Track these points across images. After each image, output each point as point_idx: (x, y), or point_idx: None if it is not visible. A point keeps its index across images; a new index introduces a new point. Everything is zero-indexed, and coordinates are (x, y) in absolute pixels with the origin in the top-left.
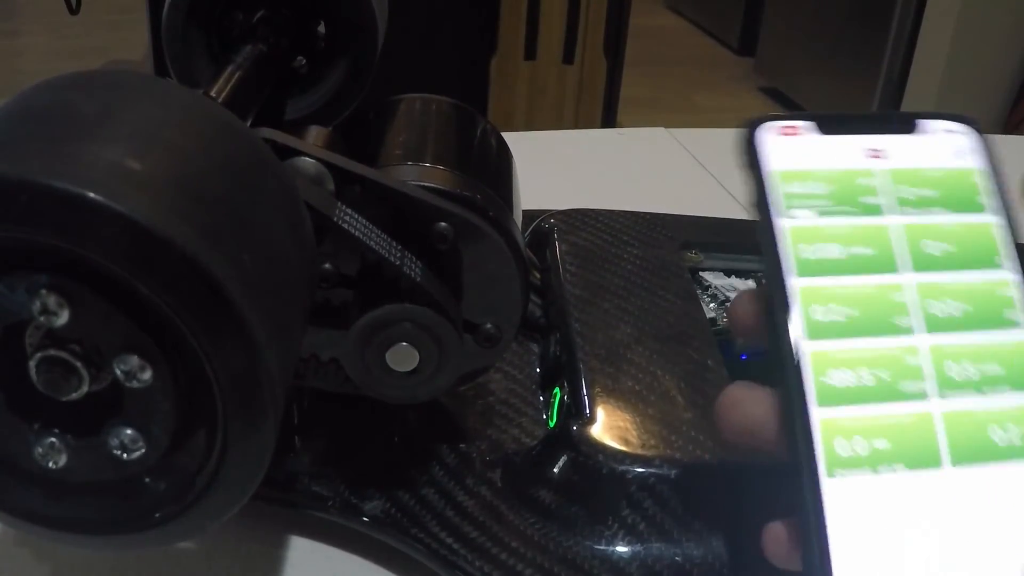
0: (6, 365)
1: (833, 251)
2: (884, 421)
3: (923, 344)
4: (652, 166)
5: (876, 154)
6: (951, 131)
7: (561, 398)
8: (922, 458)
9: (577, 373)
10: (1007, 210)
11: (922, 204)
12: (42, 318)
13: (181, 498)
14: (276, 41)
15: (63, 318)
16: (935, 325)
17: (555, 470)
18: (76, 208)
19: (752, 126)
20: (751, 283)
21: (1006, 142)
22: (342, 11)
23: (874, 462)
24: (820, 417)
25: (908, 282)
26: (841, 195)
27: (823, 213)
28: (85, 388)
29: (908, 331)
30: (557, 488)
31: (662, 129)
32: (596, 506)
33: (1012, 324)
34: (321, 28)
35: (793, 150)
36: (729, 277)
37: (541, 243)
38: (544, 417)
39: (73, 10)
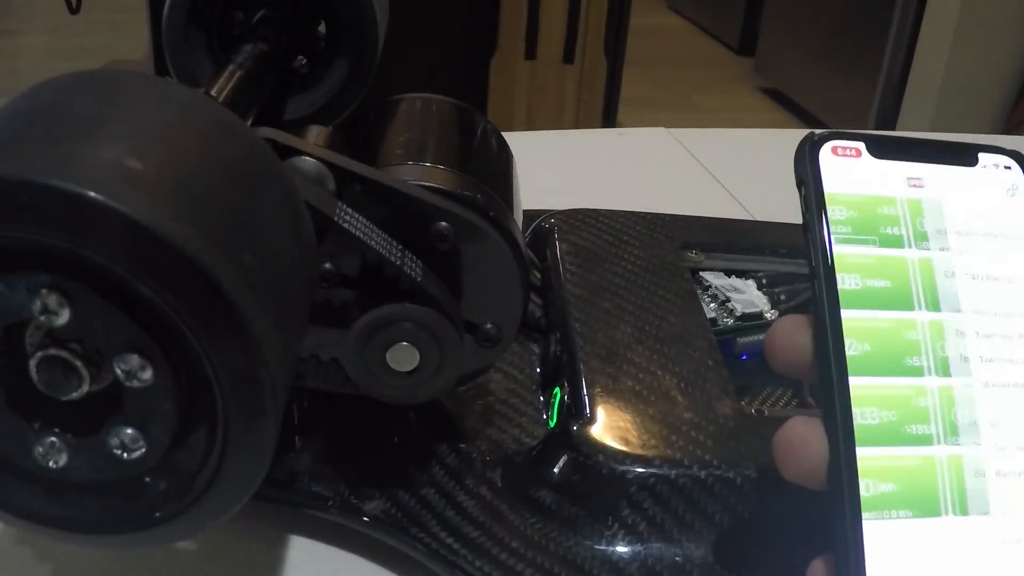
0: (6, 364)
1: (854, 282)
2: (890, 464)
3: (933, 385)
4: (652, 166)
5: (918, 183)
6: (1005, 166)
7: (561, 398)
8: (925, 506)
9: (577, 373)
10: None
11: (973, 240)
12: (42, 317)
13: (181, 498)
14: (277, 41)
15: (63, 317)
16: (948, 369)
17: (555, 470)
18: (77, 207)
19: (812, 141)
20: (751, 283)
21: (1006, 142)
22: (342, 11)
23: (890, 506)
24: (860, 455)
25: (925, 319)
26: (868, 223)
27: (842, 241)
28: (85, 387)
29: (945, 371)
30: (557, 488)
31: (662, 129)
32: (596, 506)
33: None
34: (322, 28)
35: (844, 171)
36: (729, 277)
37: (541, 243)
38: (544, 417)
39: (73, 10)
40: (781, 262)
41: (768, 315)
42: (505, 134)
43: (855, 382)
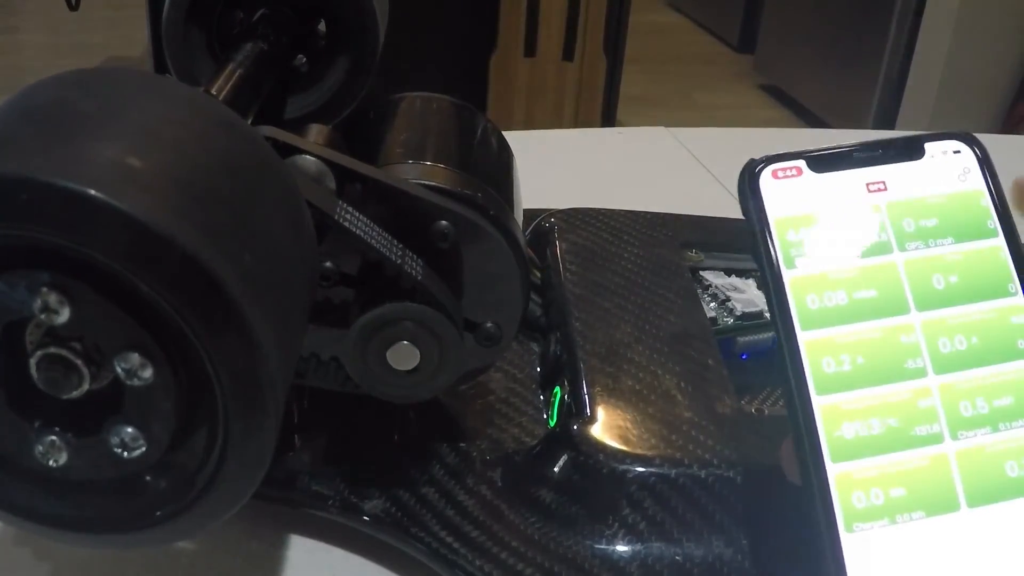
0: (7, 363)
1: (840, 297)
2: (899, 468)
3: (934, 385)
4: (652, 165)
5: (878, 187)
6: (954, 151)
7: (561, 397)
8: (939, 503)
9: (577, 372)
10: (1011, 229)
11: (929, 235)
12: (43, 316)
13: (182, 497)
14: (277, 39)
15: (64, 316)
16: (946, 364)
17: (555, 469)
18: (77, 206)
19: (749, 172)
20: (751, 282)
21: (1006, 141)
22: (343, 9)
23: (892, 512)
24: (835, 472)
25: (917, 322)
26: (845, 237)
27: (826, 259)
28: (86, 386)
29: (920, 373)
30: (557, 487)
31: (662, 128)
32: (596, 505)
33: None
34: (322, 26)
35: (790, 193)
36: (729, 276)
37: (541, 242)
38: (544, 416)
39: (72, 7)
40: None
41: (768, 314)
42: (505, 133)
43: (823, 401)
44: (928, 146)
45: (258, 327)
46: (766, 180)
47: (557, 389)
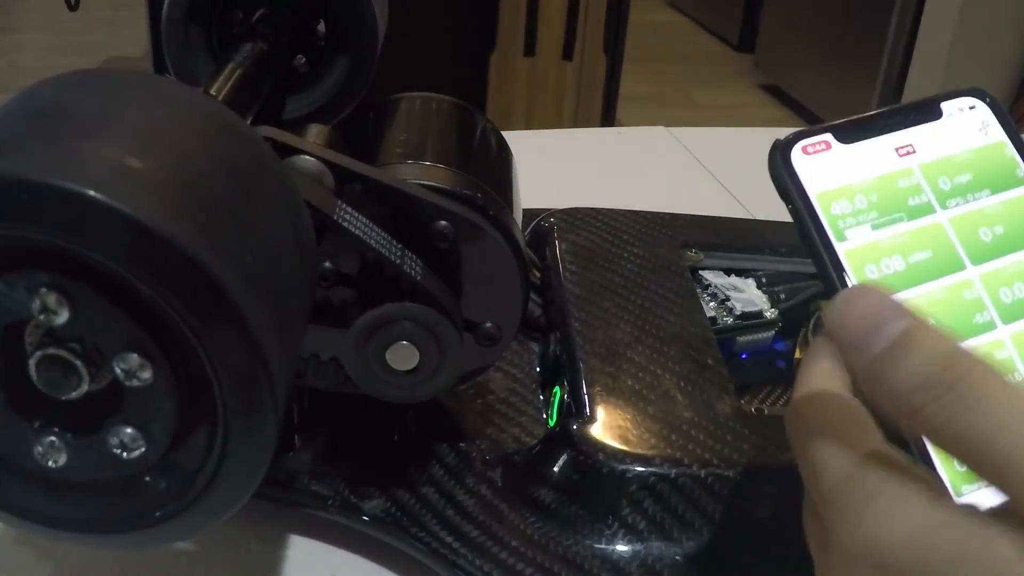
0: (6, 364)
1: (897, 263)
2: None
3: (1006, 336)
4: (652, 165)
5: (907, 150)
6: (969, 107)
7: (561, 397)
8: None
9: (577, 372)
10: None
11: (966, 191)
12: (42, 317)
13: (181, 497)
14: (276, 39)
15: (63, 317)
16: (1012, 313)
17: (555, 469)
18: (77, 206)
19: (781, 150)
20: (751, 282)
21: None
22: (342, 10)
23: None
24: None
25: (975, 276)
26: (888, 203)
27: (876, 226)
28: (85, 387)
29: (989, 327)
30: (557, 487)
31: (662, 128)
32: (596, 505)
33: None
34: (321, 27)
35: (824, 167)
36: (729, 276)
37: (541, 242)
38: (544, 416)
39: (72, 7)
40: (781, 261)
41: (768, 314)
42: (504, 133)
43: None
44: (944, 105)
45: (257, 327)
46: (798, 157)
47: (557, 389)
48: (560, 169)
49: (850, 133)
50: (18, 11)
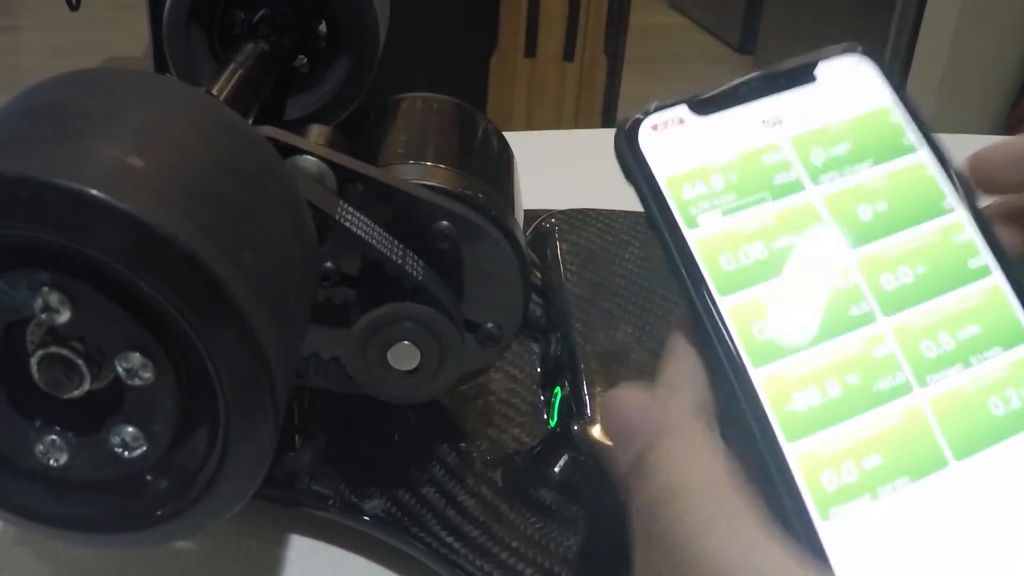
0: (8, 362)
1: (759, 251)
2: (869, 433)
3: (887, 329)
4: None
5: (775, 121)
6: (851, 69)
7: (562, 397)
8: (923, 463)
9: (578, 372)
10: (932, 141)
11: (842, 163)
12: (44, 315)
13: (182, 496)
14: (277, 40)
15: (65, 316)
16: (895, 303)
17: (556, 470)
18: (78, 205)
19: (626, 130)
20: None
21: None
22: (343, 10)
23: (871, 485)
24: (796, 453)
25: (852, 260)
26: (750, 183)
27: (734, 209)
28: (86, 386)
29: (868, 319)
30: (557, 487)
31: None
32: (596, 506)
33: (980, 273)
34: (322, 27)
35: (677, 146)
36: None
37: (542, 243)
38: (545, 417)
39: (72, 7)
40: None
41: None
42: (505, 134)
43: (763, 373)
44: (820, 69)
45: (259, 327)
46: (646, 136)
47: (557, 389)
48: (561, 170)
49: (708, 105)
50: (19, 11)
